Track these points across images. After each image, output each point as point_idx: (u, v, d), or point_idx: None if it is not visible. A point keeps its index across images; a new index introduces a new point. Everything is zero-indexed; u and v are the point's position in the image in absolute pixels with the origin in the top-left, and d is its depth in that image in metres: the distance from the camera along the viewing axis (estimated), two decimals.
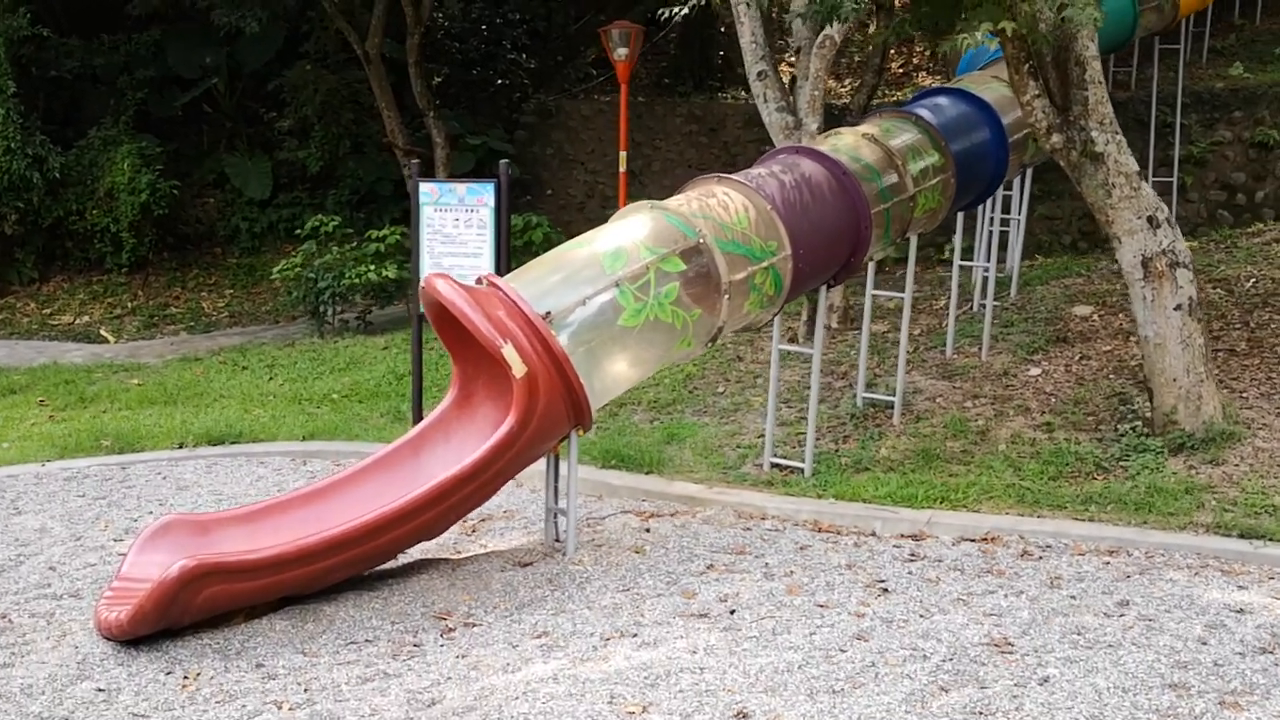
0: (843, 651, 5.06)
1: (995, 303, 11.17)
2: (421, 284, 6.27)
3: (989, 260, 10.59)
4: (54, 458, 9.27)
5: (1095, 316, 10.70)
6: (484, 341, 5.93)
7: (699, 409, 9.67)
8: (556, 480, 6.78)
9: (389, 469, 6.60)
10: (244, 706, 4.86)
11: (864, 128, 8.64)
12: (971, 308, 11.40)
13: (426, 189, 9.67)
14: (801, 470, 8.07)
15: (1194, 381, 7.93)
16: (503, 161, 9.60)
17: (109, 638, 5.51)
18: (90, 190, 17.40)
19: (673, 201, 6.96)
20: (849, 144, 8.16)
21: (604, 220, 7.02)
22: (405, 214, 19.24)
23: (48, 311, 17.12)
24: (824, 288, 8.02)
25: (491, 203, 9.42)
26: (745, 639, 5.28)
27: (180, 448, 9.52)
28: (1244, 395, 8.52)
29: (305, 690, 4.99)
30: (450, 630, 5.67)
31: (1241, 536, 6.41)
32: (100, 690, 5.05)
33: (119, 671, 5.25)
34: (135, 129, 18.28)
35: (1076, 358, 9.87)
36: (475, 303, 5.99)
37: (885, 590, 5.86)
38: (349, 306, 15.10)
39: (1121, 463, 7.74)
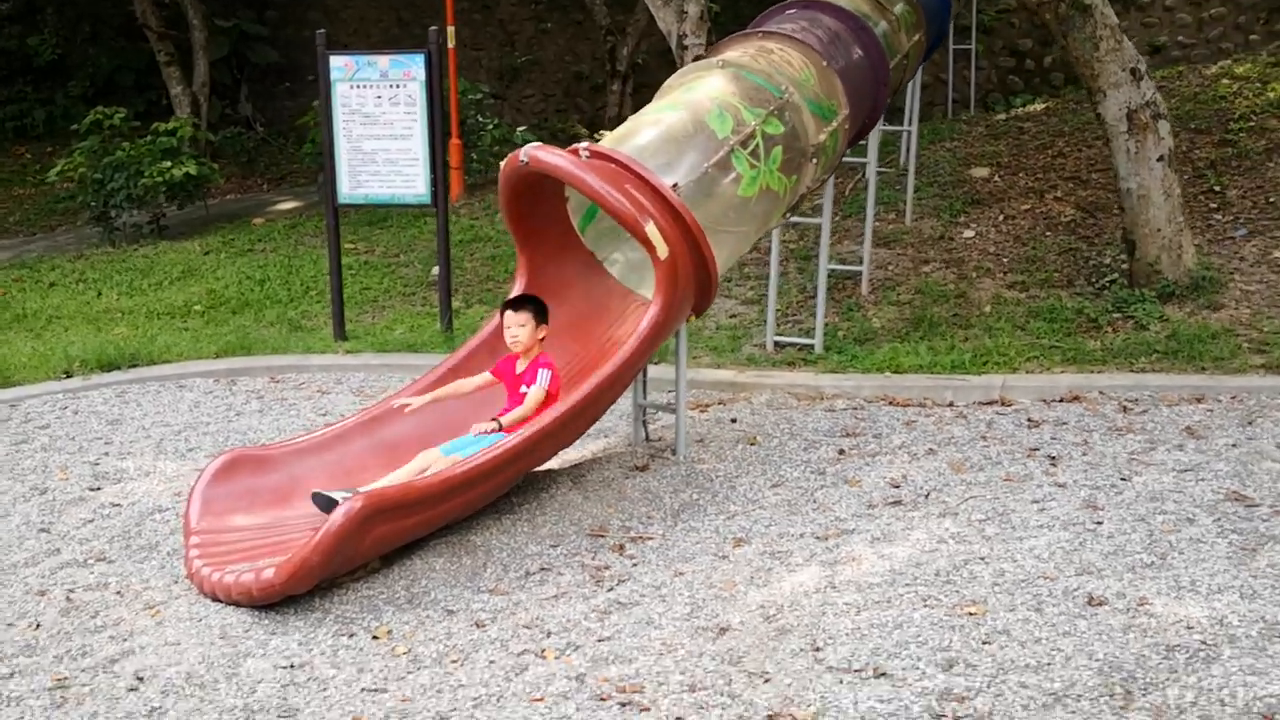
0: (1098, 524, 4.79)
1: (887, 169, 11.13)
2: (519, 156, 5.34)
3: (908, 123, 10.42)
4: None
5: (996, 178, 10.83)
6: (622, 220, 5.15)
7: None
8: (645, 376, 6.10)
9: (467, 378, 5.73)
10: (492, 662, 4.06)
11: None
12: (862, 176, 11.27)
13: (339, 63, 8.48)
14: (811, 347, 7.72)
15: (1174, 231, 8.11)
16: (433, 29, 8.52)
17: (244, 604, 4.48)
18: None
19: (739, 57, 6.30)
20: None
21: None
22: (150, 106, 17.19)
23: None
24: None
25: (422, 76, 8.37)
26: (979, 523, 4.91)
27: (68, 376, 8.03)
28: (1195, 243, 8.83)
29: (546, 633, 4.24)
30: (621, 547, 5.00)
31: None
32: (289, 667, 4.09)
33: (282, 642, 4.27)
34: None
35: (1000, 218, 9.95)
36: (604, 178, 5.18)
37: (1051, 458, 5.63)
38: (139, 210, 13.26)
39: (1121, 315, 7.83)
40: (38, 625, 4.48)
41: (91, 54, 16.99)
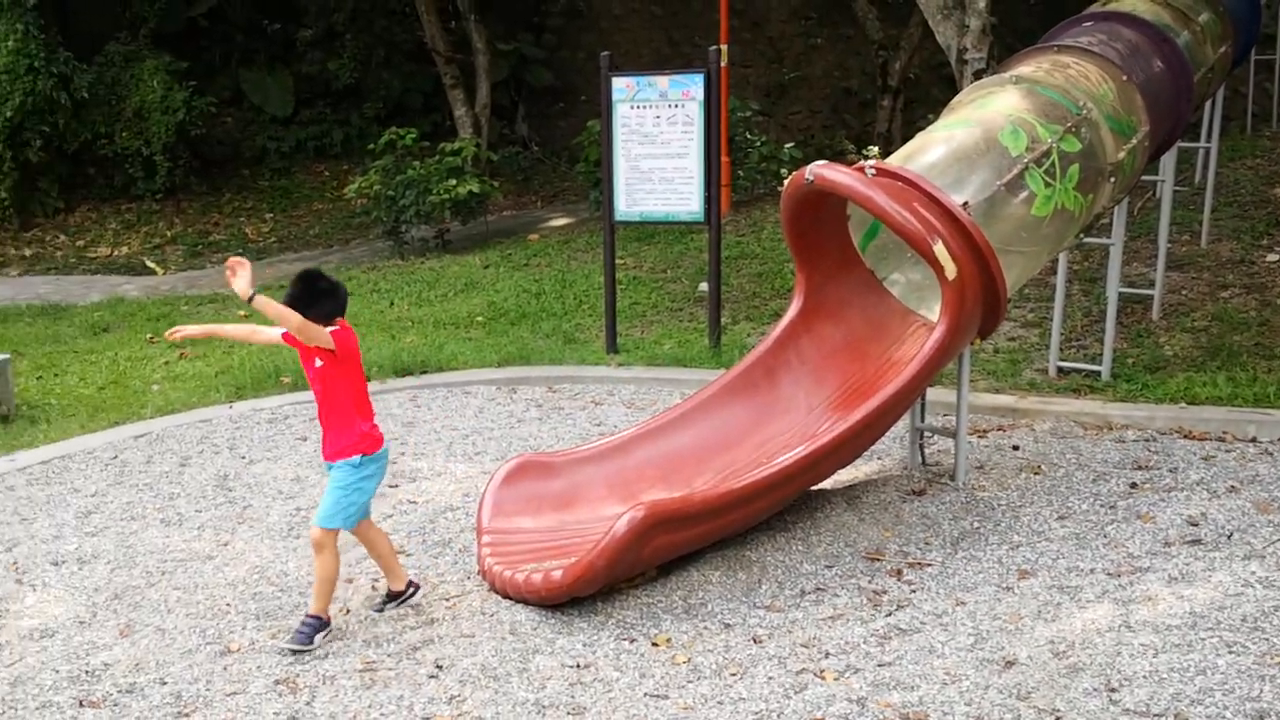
0: None
1: (1182, 187, 10.56)
2: (805, 173, 5.37)
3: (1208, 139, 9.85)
4: (233, 398, 8.27)
5: None
6: (910, 239, 5.09)
7: None
8: (924, 398, 6.00)
9: (743, 394, 5.80)
10: (771, 678, 4.08)
11: None
12: (1153, 195, 10.73)
13: (621, 84, 8.72)
14: (1097, 373, 7.39)
15: None
16: (713, 48, 8.66)
17: (531, 602, 4.67)
18: (117, 111, 15.96)
19: (1032, 72, 6.13)
20: (1146, 8, 7.36)
21: None
22: (435, 127, 18.08)
23: (81, 243, 15.78)
24: None
25: (700, 95, 8.50)
26: None
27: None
28: None
29: (824, 654, 4.23)
30: (898, 572, 4.93)
31: None
32: (575, 667, 4.23)
33: (568, 642, 4.43)
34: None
35: None
36: (891, 195, 5.14)
37: None
38: (426, 225, 14.00)
39: None
40: (347, 611, 4.79)
41: (384, 78, 18.04)
